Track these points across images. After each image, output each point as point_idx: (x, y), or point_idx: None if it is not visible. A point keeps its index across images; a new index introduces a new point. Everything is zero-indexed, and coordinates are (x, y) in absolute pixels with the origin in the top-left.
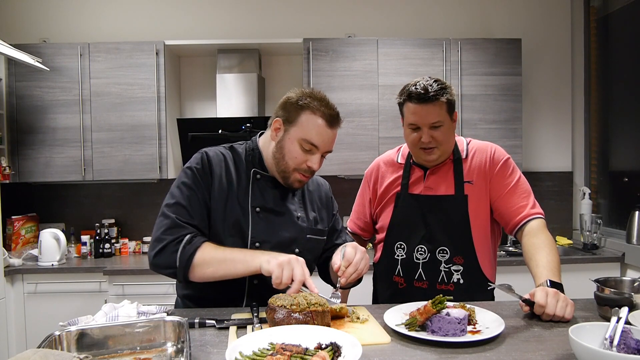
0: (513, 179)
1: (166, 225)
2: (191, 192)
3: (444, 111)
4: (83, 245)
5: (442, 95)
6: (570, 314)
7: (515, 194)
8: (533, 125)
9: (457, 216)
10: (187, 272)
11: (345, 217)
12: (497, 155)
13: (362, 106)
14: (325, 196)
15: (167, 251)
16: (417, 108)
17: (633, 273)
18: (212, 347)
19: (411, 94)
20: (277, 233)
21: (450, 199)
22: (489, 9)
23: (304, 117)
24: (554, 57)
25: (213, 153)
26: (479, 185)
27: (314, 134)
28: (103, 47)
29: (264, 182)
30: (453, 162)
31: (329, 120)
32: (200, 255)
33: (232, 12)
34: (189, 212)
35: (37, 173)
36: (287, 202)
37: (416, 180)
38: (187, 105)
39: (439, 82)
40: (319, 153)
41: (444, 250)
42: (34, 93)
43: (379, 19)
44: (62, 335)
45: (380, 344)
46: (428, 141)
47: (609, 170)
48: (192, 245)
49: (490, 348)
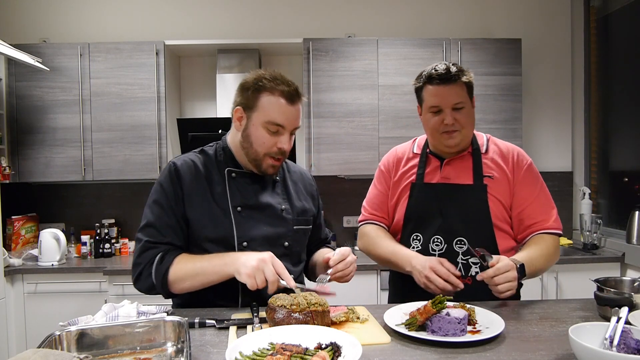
0: (537, 187)
1: (139, 250)
2: (160, 210)
3: (465, 92)
4: (83, 245)
5: (463, 77)
6: (503, 290)
7: (539, 204)
8: (533, 125)
9: (475, 205)
10: (167, 290)
11: (346, 217)
12: (520, 158)
13: (362, 106)
14: (309, 186)
15: (143, 275)
16: (438, 89)
17: (633, 273)
18: (212, 347)
19: (431, 76)
20: (263, 229)
21: (468, 188)
22: (489, 9)
23: (264, 100)
24: (554, 57)
25: (181, 162)
26: (500, 183)
27: (276, 114)
28: (103, 47)
29: (240, 179)
30: (472, 155)
31: (289, 98)
32: (174, 272)
33: (232, 12)
34: (159, 231)
35: (37, 173)
36: (269, 196)
37: (432, 170)
38: (187, 105)
39: (457, 65)
40: (286, 133)
41: (462, 241)
42: (34, 93)
43: (379, 19)
44: (62, 335)
45: (380, 344)
46: (451, 123)
47: (609, 170)
48: (163, 264)
49: (490, 348)
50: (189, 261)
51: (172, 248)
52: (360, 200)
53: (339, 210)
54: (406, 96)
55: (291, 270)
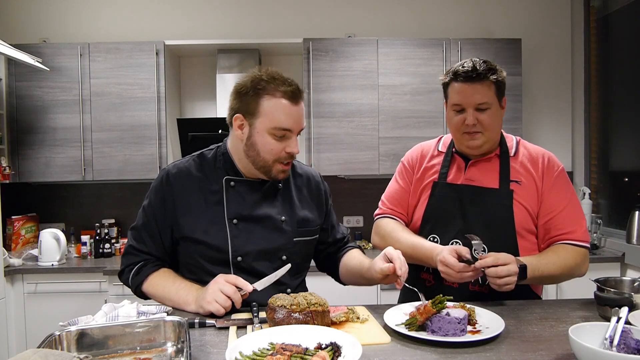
0: (568, 195)
1: (125, 250)
2: (146, 218)
3: (492, 92)
4: (83, 245)
5: (491, 75)
6: (501, 283)
7: (568, 214)
8: (533, 125)
9: (499, 211)
10: (143, 297)
11: (346, 217)
12: (551, 164)
13: (362, 106)
14: (316, 190)
15: (124, 276)
16: (462, 87)
17: (633, 273)
18: (212, 347)
19: (457, 73)
20: (259, 242)
21: (494, 192)
22: (488, 9)
23: (265, 104)
24: (554, 57)
25: (176, 169)
26: (527, 189)
27: (282, 118)
28: (103, 47)
29: (239, 189)
30: (499, 157)
31: (292, 98)
32: (146, 288)
33: (232, 12)
34: (142, 239)
35: (37, 173)
36: (268, 207)
37: (456, 170)
38: (187, 105)
39: (488, 63)
40: (293, 136)
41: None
42: (34, 93)
43: (379, 19)
44: (62, 335)
45: (380, 344)
46: (473, 124)
47: (609, 170)
48: (139, 277)
49: (490, 348)
50: (158, 285)
51: (150, 259)
52: (360, 200)
53: (339, 210)
54: (406, 96)
55: (288, 283)
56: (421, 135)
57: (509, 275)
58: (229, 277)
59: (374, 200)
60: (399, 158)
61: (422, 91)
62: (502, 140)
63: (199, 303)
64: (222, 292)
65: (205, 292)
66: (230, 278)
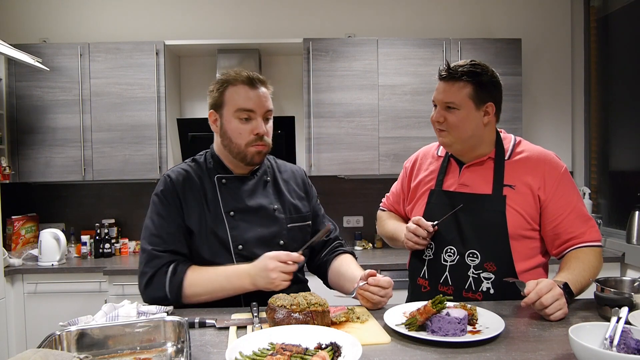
0: (574, 197)
1: (145, 259)
2: (161, 220)
3: (464, 95)
4: (83, 245)
5: (470, 78)
6: (556, 315)
7: (576, 216)
8: (533, 125)
9: (492, 217)
10: (180, 301)
11: (346, 217)
12: (553, 166)
13: (362, 106)
14: (302, 182)
15: (154, 284)
16: (439, 85)
17: (633, 273)
18: (212, 347)
19: (440, 70)
20: (257, 230)
21: (485, 198)
22: (489, 9)
23: (228, 94)
24: (554, 57)
25: (176, 173)
26: (522, 194)
27: (242, 100)
28: (103, 47)
29: (230, 184)
30: (494, 161)
31: (249, 83)
32: (188, 285)
33: (232, 12)
34: (163, 239)
35: (37, 173)
36: (261, 197)
37: (451, 175)
38: (187, 105)
39: (477, 66)
40: (258, 117)
41: (474, 254)
42: (34, 93)
43: (379, 19)
44: (62, 335)
45: (380, 344)
46: (437, 120)
47: (609, 170)
48: (176, 276)
49: (490, 348)
50: (203, 275)
51: (180, 259)
52: (360, 200)
53: (339, 210)
54: (406, 96)
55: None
56: (421, 135)
57: (555, 301)
58: (279, 254)
59: (374, 200)
60: (399, 158)
61: (422, 91)
62: (499, 143)
63: (256, 283)
64: (282, 271)
65: (267, 274)
66: (281, 256)
